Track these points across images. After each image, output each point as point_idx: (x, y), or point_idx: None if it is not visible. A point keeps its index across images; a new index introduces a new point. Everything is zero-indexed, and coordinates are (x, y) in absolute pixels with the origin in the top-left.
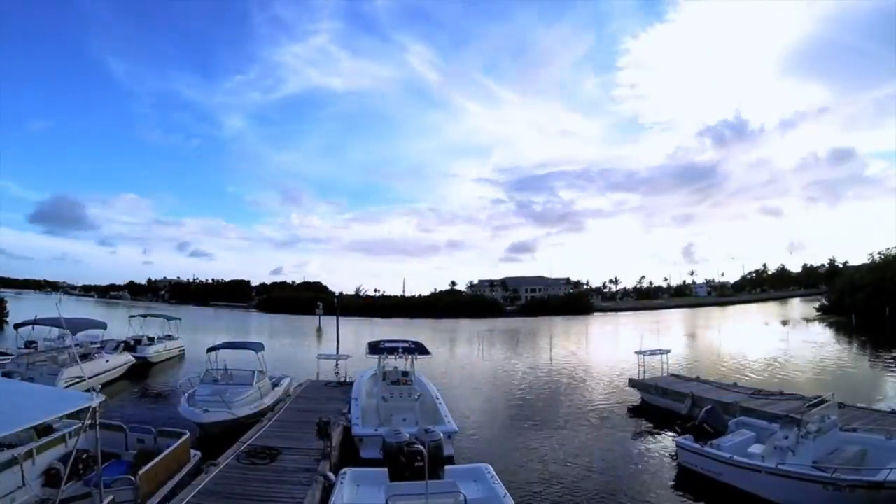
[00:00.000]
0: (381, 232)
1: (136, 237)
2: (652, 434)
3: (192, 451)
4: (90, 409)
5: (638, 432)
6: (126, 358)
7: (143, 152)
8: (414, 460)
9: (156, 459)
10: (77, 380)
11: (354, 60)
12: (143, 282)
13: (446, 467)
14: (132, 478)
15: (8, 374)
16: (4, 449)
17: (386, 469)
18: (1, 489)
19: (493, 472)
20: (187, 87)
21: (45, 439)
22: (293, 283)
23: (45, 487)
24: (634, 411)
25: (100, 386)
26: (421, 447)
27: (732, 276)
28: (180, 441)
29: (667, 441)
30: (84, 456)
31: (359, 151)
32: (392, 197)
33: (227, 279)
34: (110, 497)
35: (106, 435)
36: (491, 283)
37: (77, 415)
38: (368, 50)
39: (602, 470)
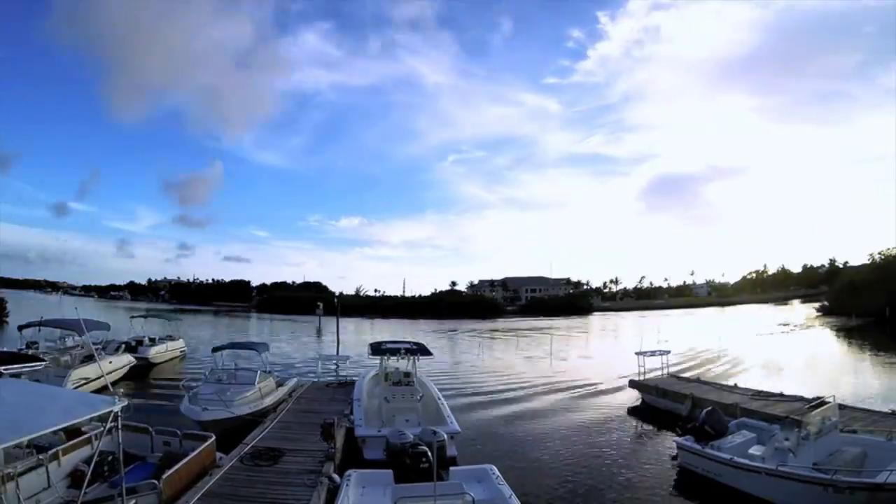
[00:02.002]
0: (382, 232)
1: (139, 239)
2: (652, 435)
3: (218, 454)
4: (112, 413)
5: (638, 433)
6: (127, 359)
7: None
8: (419, 461)
9: (180, 463)
10: (84, 381)
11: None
12: (143, 282)
13: (451, 468)
14: (156, 482)
15: (16, 376)
16: (32, 451)
17: (391, 470)
18: (27, 490)
19: (499, 473)
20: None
21: (72, 441)
22: (293, 283)
23: (71, 489)
24: (635, 412)
25: (122, 390)
26: (426, 448)
27: (733, 277)
28: (205, 444)
29: (667, 442)
30: (110, 458)
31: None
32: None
33: (227, 279)
34: (132, 501)
35: (131, 437)
36: (491, 283)
37: (100, 418)
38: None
39: (602, 470)
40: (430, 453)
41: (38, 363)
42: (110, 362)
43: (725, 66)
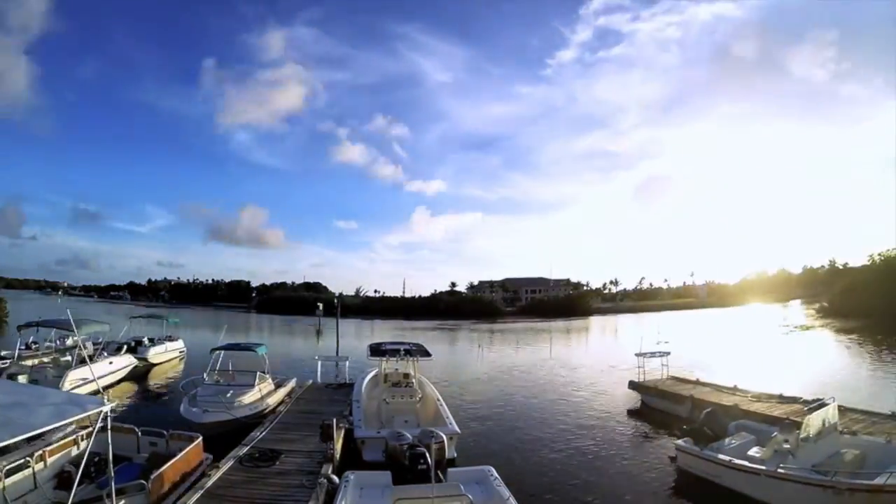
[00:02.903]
0: (382, 234)
1: (140, 240)
2: (652, 436)
3: (205, 455)
4: (102, 414)
5: (638, 435)
6: (128, 360)
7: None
8: (417, 463)
9: (168, 463)
10: (82, 382)
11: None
12: (143, 282)
13: (449, 469)
14: (144, 482)
15: (13, 377)
16: (16, 452)
17: (389, 472)
18: (14, 492)
19: (497, 475)
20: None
21: (57, 442)
22: (293, 283)
23: (58, 490)
24: (634, 413)
25: (104, 390)
26: (424, 449)
27: (732, 278)
28: (193, 444)
29: (667, 443)
30: (97, 459)
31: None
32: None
33: (226, 280)
34: (121, 502)
35: (117, 437)
36: (491, 284)
37: (89, 419)
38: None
39: (602, 472)
40: (428, 455)
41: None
42: (111, 363)
43: (723, 65)
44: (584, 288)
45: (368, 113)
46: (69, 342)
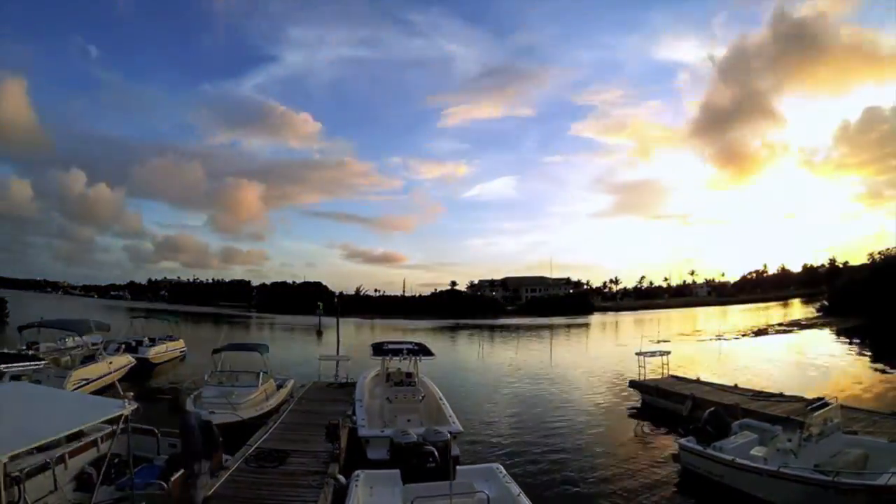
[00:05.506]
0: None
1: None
2: (653, 435)
3: (226, 456)
4: (122, 416)
5: (639, 434)
6: (127, 359)
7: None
8: (426, 461)
9: None
10: (84, 382)
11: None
12: (144, 282)
13: (458, 467)
14: (164, 483)
15: (16, 378)
16: (36, 453)
17: (398, 470)
18: (34, 494)
19: (505, 472)
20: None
21: (78, 444)
22: (293, 282)
23: (78, 492)
24: (635, 413)
25: (131, 394)
26: (432, 448)
27: (733, 277)
28: None
29: (668, 442)
30: (116, 461)
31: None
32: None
33: (226, 279)
34: (142, 503)
35: (137, 439)
36: (491, 282)
37: (109, 421)
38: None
39: (603, 471)
40: (436, 453)
41: (38, 363)
42: (110, 363)
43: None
44: (585, 287)
45: None
46: (70, 342)
